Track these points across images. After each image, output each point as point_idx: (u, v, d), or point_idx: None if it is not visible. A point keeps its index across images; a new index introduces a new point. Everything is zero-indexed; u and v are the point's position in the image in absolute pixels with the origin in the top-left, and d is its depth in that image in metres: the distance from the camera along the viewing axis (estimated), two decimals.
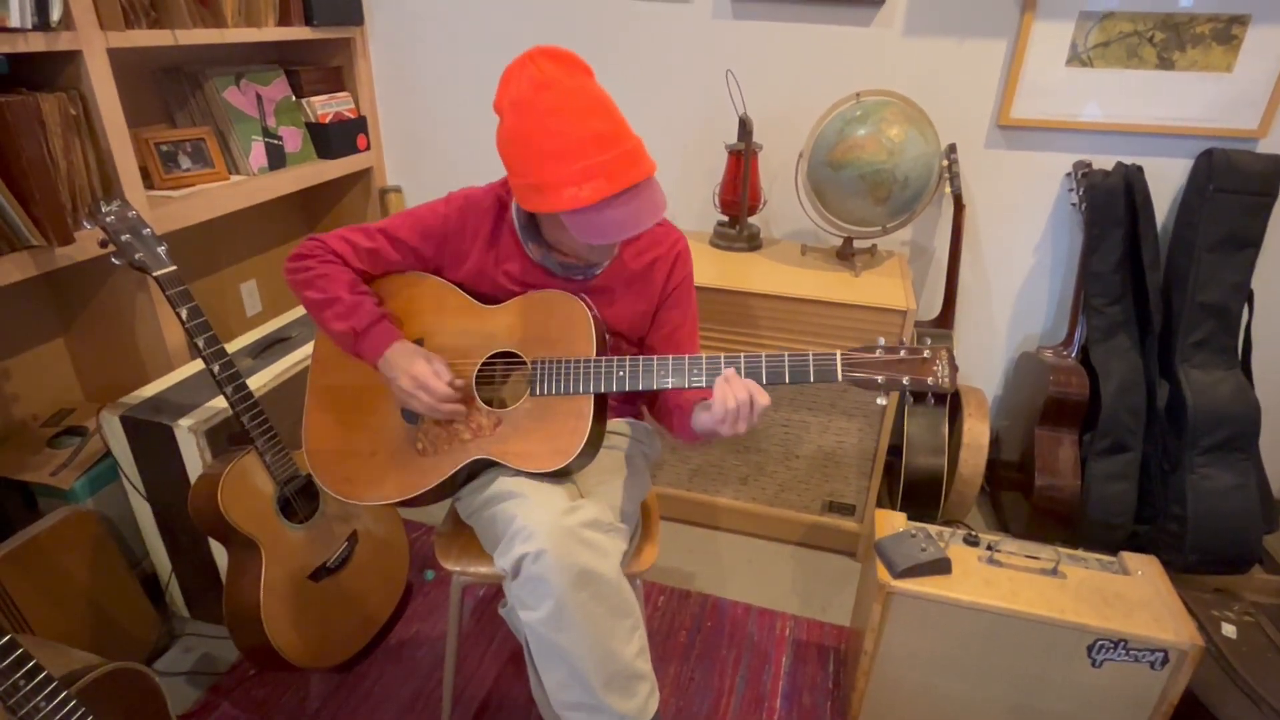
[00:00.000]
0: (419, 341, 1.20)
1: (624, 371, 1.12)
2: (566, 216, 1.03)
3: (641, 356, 1.12)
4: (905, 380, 1.03)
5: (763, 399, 1.02)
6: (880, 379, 1.03)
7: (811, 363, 1.05)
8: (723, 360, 1.08)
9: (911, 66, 1.90)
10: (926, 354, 1.03)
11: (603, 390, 1.13)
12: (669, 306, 1.28)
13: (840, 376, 1.04)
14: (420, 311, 1.23)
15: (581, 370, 1.13)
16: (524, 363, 1.18)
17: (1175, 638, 1.20)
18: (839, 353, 1.05)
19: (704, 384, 1.09)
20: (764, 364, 1.06)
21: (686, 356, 1.10)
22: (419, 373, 1.12)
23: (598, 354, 1.14)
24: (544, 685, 1.08)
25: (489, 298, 1.22)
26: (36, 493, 1.53)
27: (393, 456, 1.20)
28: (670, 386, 1.11)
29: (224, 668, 1.56)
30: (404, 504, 1.20)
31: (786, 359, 1.05)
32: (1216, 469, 1.74)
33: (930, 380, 1.02)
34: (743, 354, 1.08)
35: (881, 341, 1.05)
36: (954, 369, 1.03)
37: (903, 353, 1.03)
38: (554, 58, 1.03)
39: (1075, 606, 1.25)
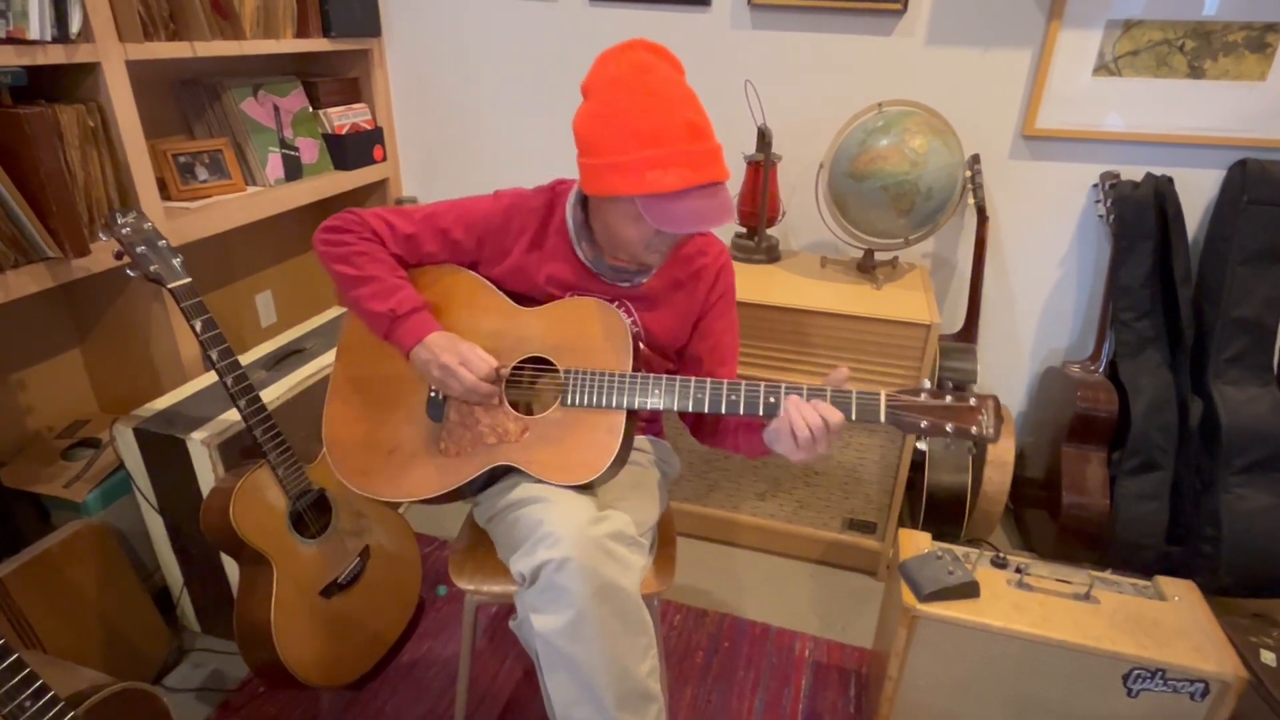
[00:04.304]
0: None
1: (660, 390, 1.10)
2: (643, 201, 1.02)
3: (679, 377, 1.10)
4: (949, 427, 1.00)
5: (835, 417, 1.00)
6: (924, 424, 1.01)
7: (855, 400, 1.03)
8: (763, 388, 1.06)
9: (934, 76, 1.87)
10: (973, 401, 1.00)
11: (636, 407, 1.11)
12: (714, 317, 1.27)
13: (883, 418, 1.02)
14: (452, 306, 1.21)
15: (617, 384, 1.11)
16: (555, 370, 1.16)
17: (1216, 668, 1.15)
18: (883, 393, 1.03)
19: (740, 411, 1.07)
20: (805, 396, 1.04)
21: (725, 382, 1.08)
22: (463, 350, 1.11)
23: (633, 368, 1.12)
24: (551, 700, 1.05)
25: (523, 297, 1.21)
26: (49, 505, 1.52)
27: (415, 454, 1.17)
28: (706, 411, 1.09)
29: (234, 684, 1.54)
30: (419, 502, 1.18)
31: (829, 394, 1.03)
32: (1252, 489, 1.69)
33: (975, 430, 0.99)
34: (783, 384, 1.06)
35: (926, 384, 1.03)
36: (999, 419, 1.00)
37: (949, 399, 1.01)
38: (654, 50, 1.06)
39: (1110, 634, 1.20)
